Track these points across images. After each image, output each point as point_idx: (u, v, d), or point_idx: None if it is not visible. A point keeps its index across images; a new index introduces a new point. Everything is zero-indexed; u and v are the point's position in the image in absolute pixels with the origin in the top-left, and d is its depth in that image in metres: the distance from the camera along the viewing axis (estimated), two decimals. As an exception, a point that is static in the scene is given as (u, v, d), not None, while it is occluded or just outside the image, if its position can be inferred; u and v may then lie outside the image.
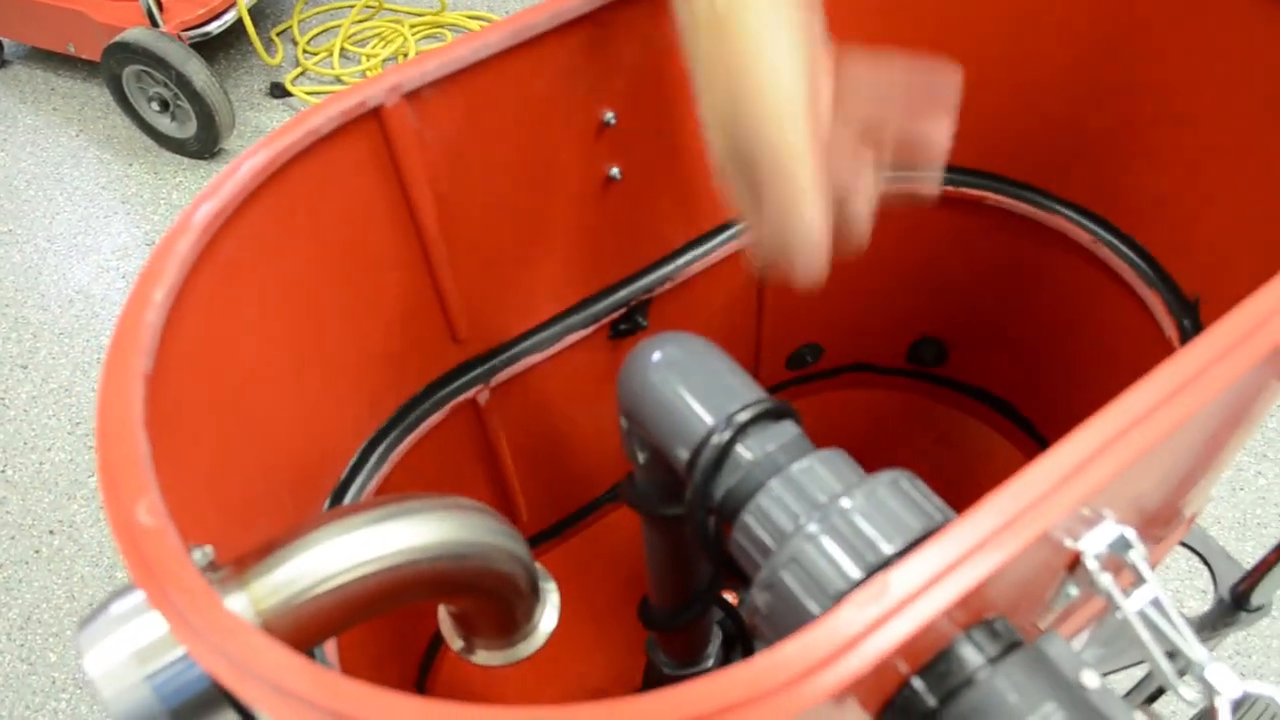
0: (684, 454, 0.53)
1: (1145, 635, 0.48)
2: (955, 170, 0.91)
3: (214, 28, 2.10)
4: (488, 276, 0.75)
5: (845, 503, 0.46)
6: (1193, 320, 0.79)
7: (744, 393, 0.53)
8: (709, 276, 0.90)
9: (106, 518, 0.43)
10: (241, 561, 0.50)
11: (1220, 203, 0.75)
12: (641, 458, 0.61)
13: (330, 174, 0.60)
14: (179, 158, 2.20)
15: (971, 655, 0.42)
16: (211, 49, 2.32)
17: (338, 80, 2.31)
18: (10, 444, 1.78)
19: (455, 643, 0.65)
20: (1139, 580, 0.49)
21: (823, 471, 0.48)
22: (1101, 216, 0.85)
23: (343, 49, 2.36)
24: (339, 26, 2.39)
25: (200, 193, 0.54)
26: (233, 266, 0.56)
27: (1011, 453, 1.11)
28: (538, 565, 0.66)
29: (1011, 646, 0.43)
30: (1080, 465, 0.42)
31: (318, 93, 2.29)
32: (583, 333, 0.85)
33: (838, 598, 0.43)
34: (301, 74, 2.33)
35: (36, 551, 1.66)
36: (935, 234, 0.96)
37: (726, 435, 0.51)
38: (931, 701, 0.41)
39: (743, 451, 0.50)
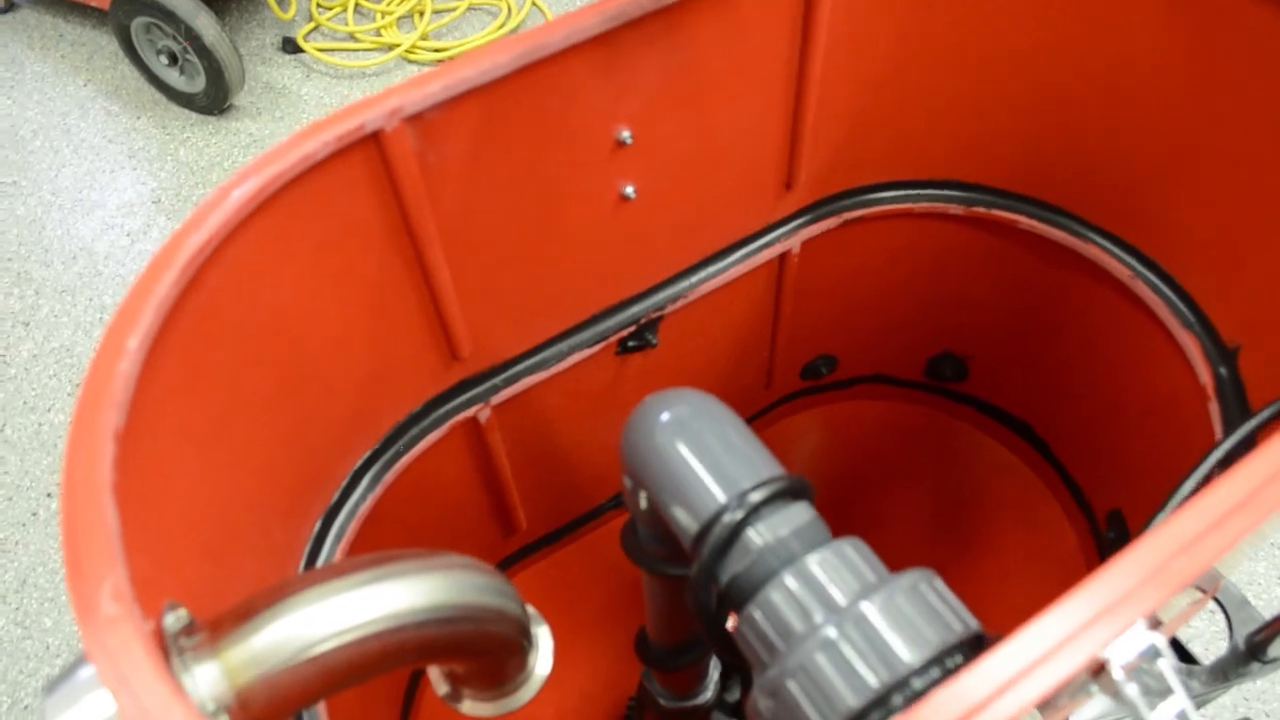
0: (691, 527, 0.50)
1: (1172, 752, 0.45)
2: (989, 191, 0.87)
3: (226, -20, 2.04)
4: (491, 296, 0.72)
5: (862, 608, 0.42)
6: (1230, 369, 0.76)
7: (758, 467, 0.49)
8: (723, 294, 0.86)
9: (69, 597, 0.40)
10: (218, 626, 0.48)
11: (1271, 249, 0.70)
12: (644, 509, 0.58)
13: (325, 200, 0.57)
14: (188, 112, 2.16)
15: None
16: (223, 1, 2.26)
17: (351, 37, 2.25)
18: (10, 403, 1.75)
19: (441, 689, 0.63)
20: (1165, 690, 0.46)
21: (839, 567, 0.45)
22: (1140, 250, 0.81)
23: (358, 4, 2.30)
24: (355, -18, 2.32)
25: (184, 223, 0.50)
26: (218, 299, 0.53)
27: (1025, 474, 1.08)
28: (530, 609, 0.63)
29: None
30: (1131, 591, 0.39)
31: (330, 49, 2.24)
32: (590, 350, 0.82)
33: (848, 717, 0.40)
34: (314, 29, 2.27)
35: (34, 514, 1.64)
36: (966, 254, 0.92)
37: (738, 515, 0.48)
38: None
39: (754, 536, 0.47)
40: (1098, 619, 0.38)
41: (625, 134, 0.68)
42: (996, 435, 1.09)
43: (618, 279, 0.79)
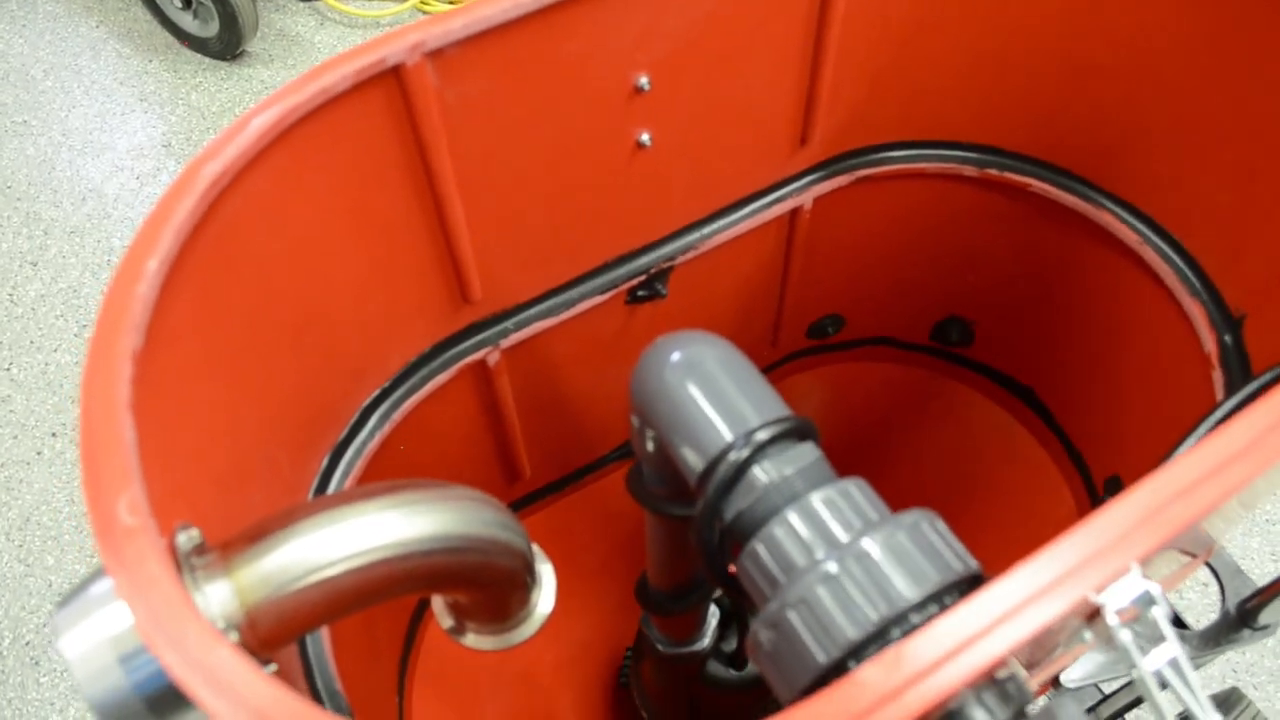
0: (697, 465, 0.50)
1: (1158, 695, 0.46)
2: (1001, 153, 0.87)
3: (242, -77, 2.02)
4: (504, 239, 0.72)
5: (864, 544, 0.43)
6: (1235, 337, 0.76)
7: (765, 407, 0.50)
8: (733, 247, 0.87)
9: (86, 508, 0.41)
10: (229, 546, 0.48)
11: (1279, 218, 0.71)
12: (650, 450, 0.59)
13: (343, 133, 0.57)
14: (200, 57, 2.15)
15: (976, 709, 0.40)
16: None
17: (367, -14, 2.24)
18: (17, 342, 1.76)
19: (445, 621, 0.64)
20: (1158, 638, 0.47)
21: (842, 505, 0.46)
22: (1150, 217, 0.81)
23: (373, -46, 2.28)
24: (371, -71, 2.30)
25: (202, 151, 0.51)
26: (235, 228, 0.53)
27: (1026, 439, 1.09)
28: (535, 548, 0.64)
29: (1020, 713, 0.41)
30: (1124, 534, 0.40)
31: (345, -2, 2.22)
32: (600, 298, 0.82)
33: (846, 648, 0.41)
34: (329, -24, 2.26)
35: (38, 453, 1.66)
36: (975, 217, 0.92)
37: (744, 454, 0.48)
38: (933, 763, 0.39)
39: (759, 473, 0.48)
40: (1092, 560, 0.39)
41: (644, 80, 0.68)
42: (999, 400, 1.09)
43: (630, 227, 0.80)
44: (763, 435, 0.49)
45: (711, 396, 0.51)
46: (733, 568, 0.50)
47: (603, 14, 0.62)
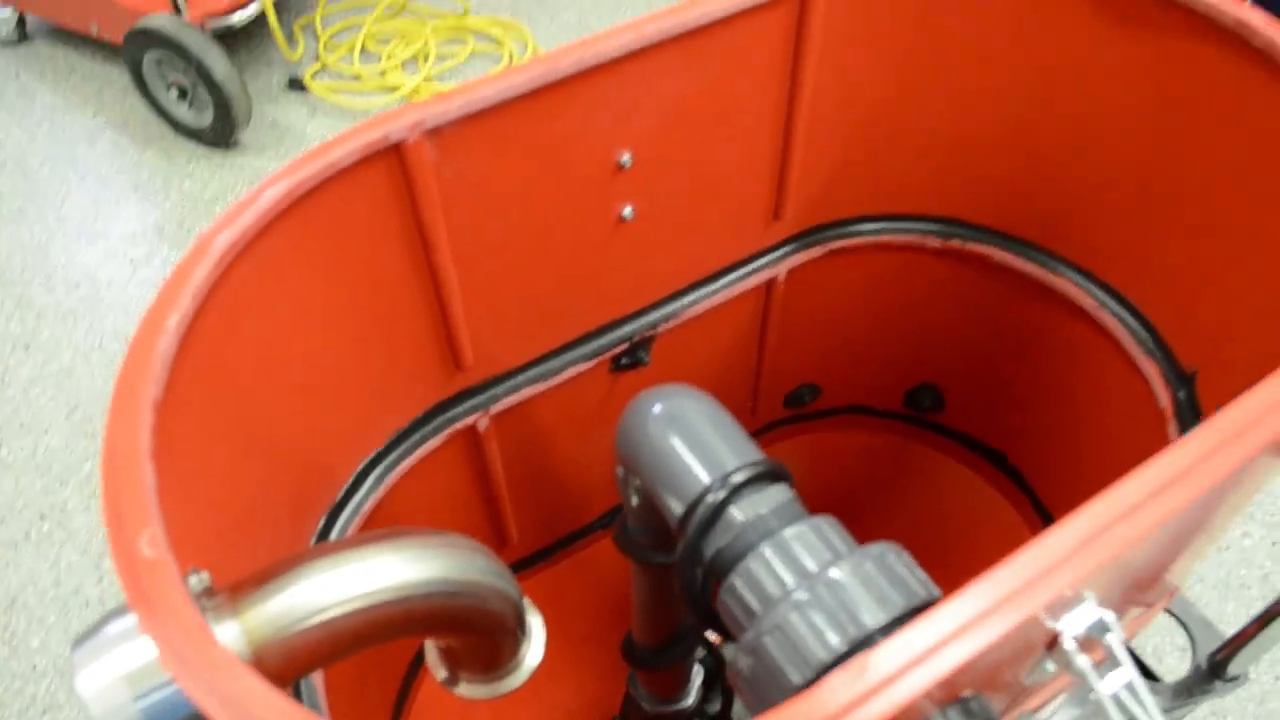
0: (678, 509, 0.54)
1: (1117, 717, 0.49)
2: (963, 225, 0.92)
3: (237, 19, 2.11)
4: (495, 307, 0.76)
5: (833, 574, 0.46)
6: (1188, 392, 0.80)
7: (741, 452, 0.53)
8: (712, 316, 0.91)
9: (109, 545, 0.44)
10: (237, 589, 0.51)
11: (1225, 280, 0.75)
12: (635, 503, 0.62)
13: (348, 205, 0.61)
14: (193, 146, 2.21)
15: (947, 732, 0.43)
16: (232, 39, 2.33)
17: (357, 78, 2.32)
18: (7, 424, 1.78)
19: (439, 673, 0.66)
20: (1114, 663, 0.50)
21: (813, 539, 0.49)
22: (1105, 282, 0.86)
23: (364, 47, 2.37)
24: (361, 24, 2.40)
25: (218, 219, 0.55)
26: (246, 292, 0.57)
27: (998, 501, 1.12)
28: (525, 600, 0.67)
29: (986, 729, 0.44)
30: (1069, 554, 0.43)
31: (336, 89, 2.30)
32: (585, 365, 0.86)
33: (819, 669, 0.44)
34: (321, 69, 2.34)
35: (26, 535, 1.66)
36: (940, 287, 0.97)
37: (721, 495, 0.52)
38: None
39: (736, 513, 0.51)
40: (1037, 580, 0.42)
41: (626, 157, 0.73)
42: (971, 464, 1.13)
43: (614, 297, 0.84)
44: (738, 478, 0.52)
45: (690, 443, 0.55)
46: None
47: (587, 95, 0.67)
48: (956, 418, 1.12)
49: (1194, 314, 0.79)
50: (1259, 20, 0.64)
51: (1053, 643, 0.51)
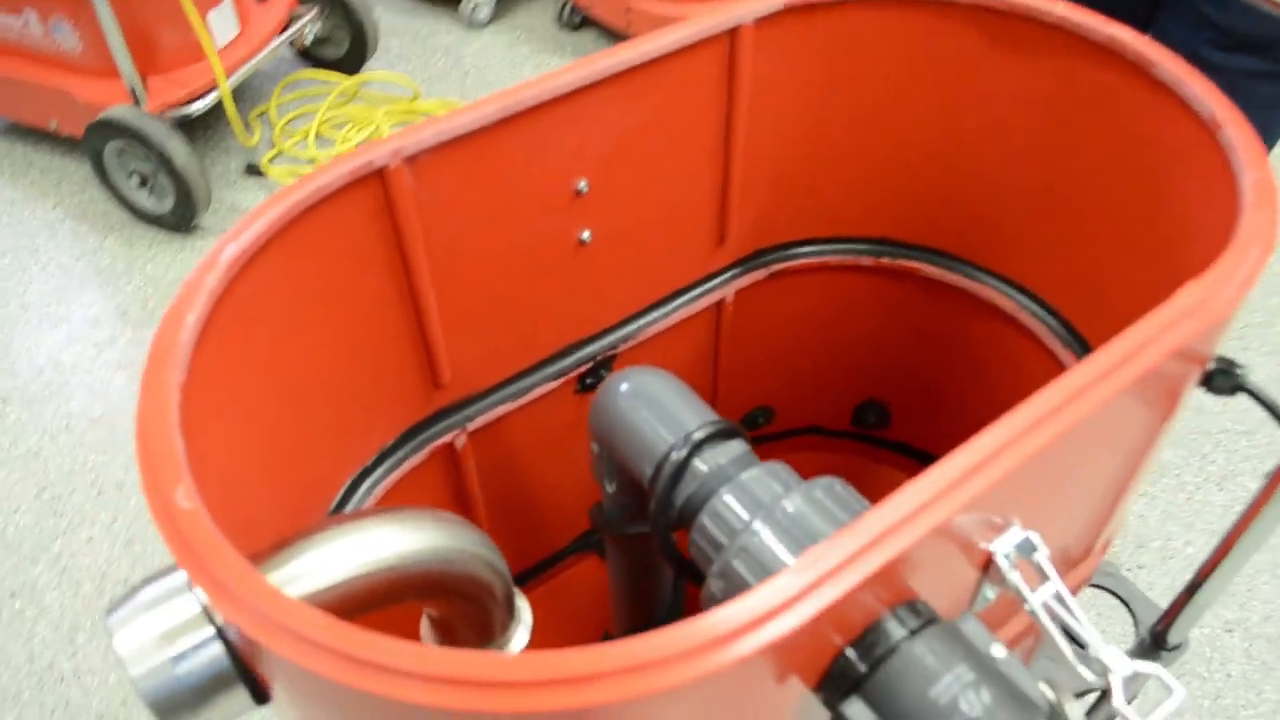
0: (648, 469, 0.60)
1: (1049, 625, 0.55)
2: (892, 243, 1.01)
3: (196, 108, 2.18)
4: (470, 327, 0.83)
5: (786, 503, 0.53)
6: (1102, 377, 0.89)
7: (700, 414, 0.60)
8: (668, 337, 0.98)
9: (148, 505, 0.49)
10: (256, 557, 0.56)
11: (1122, 268, 0.84)
12: (610, 487, 0.68)
13: (336, 227, 0.68)
14: (153, 231, 2.26)
15: (895, 628, 0.49)
16: (190, 128, 2.40)
17: (312, 161, 2.40)
18: (-25, 506, 1.79)
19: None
20: (1043, 579, 0.57)
21: (768, 479, 0.56)
22: (1022, 285, 0.95)
23: (318, 132, 2.46)
24: (315, 111, 2.49)
25: (225, 235, 0.61)
26: (249, 302, 0.63)
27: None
28: (514, 587, 0.72)
29: (930, 621, 0.50)
30: (975, 468, 0.50)
31: (294, 173, 2.38)
32: (553, 384, 0.93)
33: (782, 579, 0.50)
34: (277, 155, 2.42)
35: (-3, 612, 1.67)
36: (876, 302, 1.05)
37: (685, 451, 0.58)
38: (862, 668, 0.48)
39: (699, 464, 0.58)
40: (946, 491, 0.49)
41: (583, 184, 0.81)
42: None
43: (577, 318, 0.91)
44: (699, 435, 0.59)
45: (655, 412, 0.61)
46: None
47: (546, 125, 0.75)
48: (903, 431, 1.20)
49: (1100, 304, 0.88)
50: (1127, 35, 0.74)
51: (987, 565, 0.58)
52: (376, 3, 2.65)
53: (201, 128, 2.47)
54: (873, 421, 1.20)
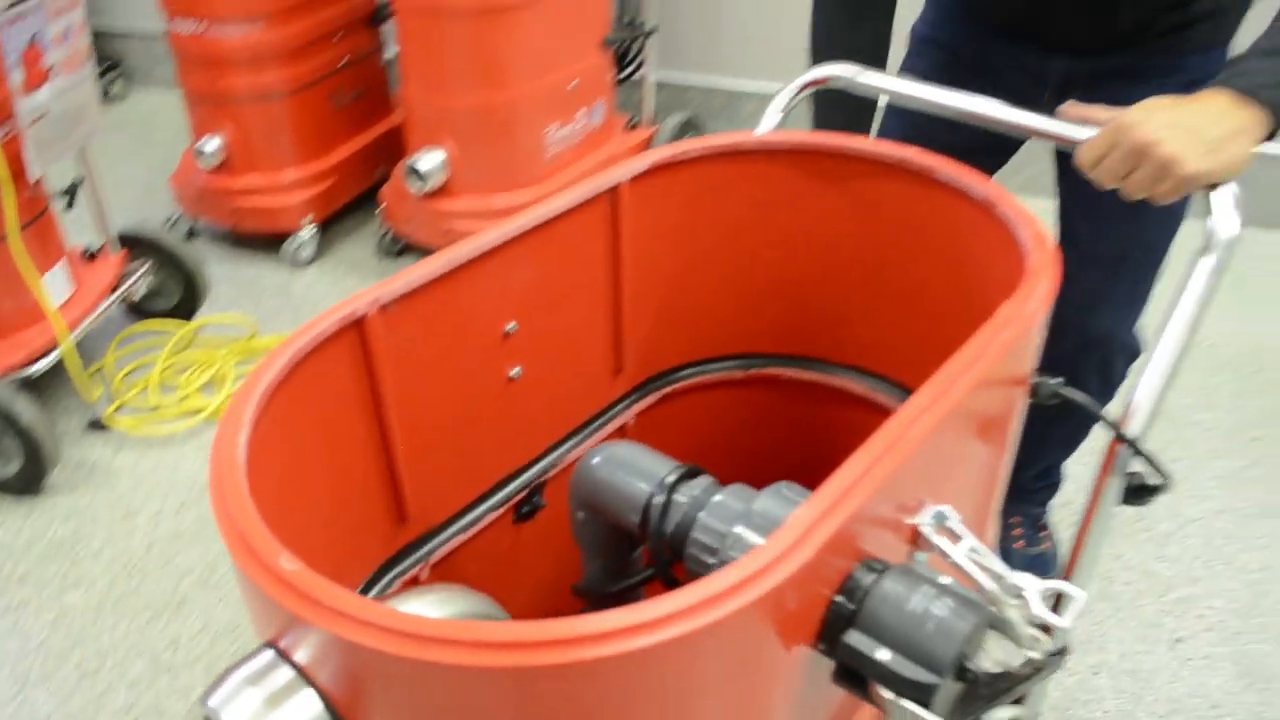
0: (635, 517, 0.73)
1: (973, 568, 0.71)
2: (757, 355, 1.19)
3: (38, 368, 2.19)
4: (428, 462, 0.94)
5: (755, 506, 0.67)
6: (949, 429, 1.08)
7: (665, 465, 0.74)
8: (587, 459, 1.12)
9: (251, 578, 0.58)
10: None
11: (946, 337, 1.05)
12: (591, 555, 0.80)
13: (326, 372, 0.80)
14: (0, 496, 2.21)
15: (865, 575, 0.63)
16: (30, 385, 2.39)
17: (156, 409, 2.42)
18: None
19: None
20: (960, 538, 0.73)
21: (734, 496, 0.70)
22: (871, 370, 1.15)
23: (161, 381, 2.49)
24: (154, 361, 2.53)
25: (259, 365, 0.72)
26: (275, 424, 0.73)
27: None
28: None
29: (889, 567, 0.64)
30: (863, 474, 0.66)
31: (139, 423, 2.39)
32: (496, 514, 1.04)
33: (770, 556, 0.64)
34: (120, 407, 2.43)
35: None
36: (752, 410, 1.22)
37: (664, 495, 0.72)
38: (850, 607, 0.62)
39: (679, 498, 0.72)
40: (857, 483, 0.64)
41: (511, 325, 0.96)
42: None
43: (512, 448, 1.03)
44: (671, 479, 0.73)
45: (630, 471, 0.75)
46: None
47: (480, 275, 0.90)
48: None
49: (934, 368, 1.08)
50: (912, 153, 0.97)
51: (915, 537, 0.73)
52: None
53: (41, 384, 2.46)
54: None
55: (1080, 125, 0.93)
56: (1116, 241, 1.30)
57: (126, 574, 1.96)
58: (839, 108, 1.18)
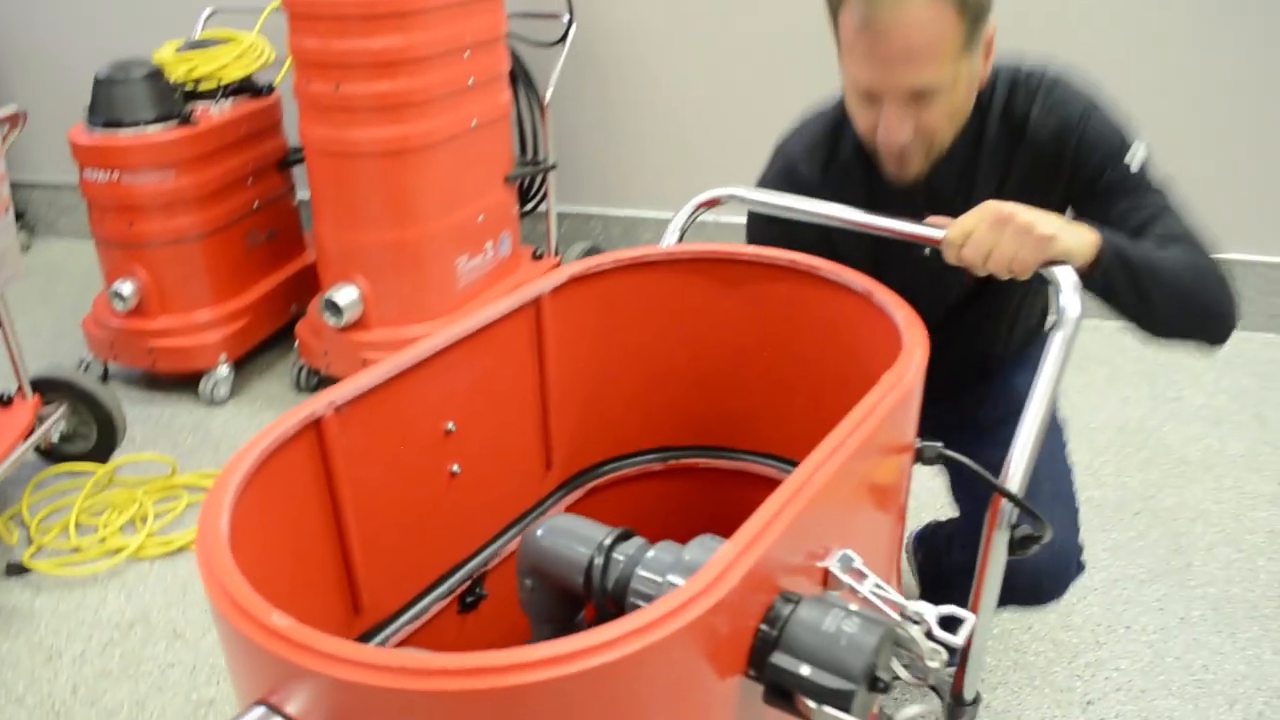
0: (579, 579, 0.82)
1: (878, 601, 0.81)
2: (672, 449, 1.30)
3: (-47, 518, 2.17)
4: (380, 554, 1.01)
5: (685, 556, 0.77)
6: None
7: (601, 530, 0.84)
8: (524, 550, 1.20)
9: (247, 635, 0.65)
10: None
11: (840, 415, 1.18)
12: (539, 620, 0.88)
13: (290, 468, 0.88)
14: (-97, 658, 2.15)
15: (784, 605, 0.73)
16: (-65, 546, 2.35)
17: (77, 550, 2.40)
18: None
19: None
20: (865, 577, 0.83)
21: (664, 551, 0.80)
22: (777, 454, 1.27)
23: (78, 522, 2.47)
24: (71, 504, 2.51)
25: (224, 469, 0.80)
26: (240, 524, 0.80)
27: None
28: None
29: (804, 598, 0.75)
30: (773, 517, 0.77)
31: (60, 564, 2.37)
32: (443, 603, 1.11)
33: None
34: (38, 550, 2.40)
35: None
36: (674, 499, 1.33)
37: (603, 555, 0.81)
38: (774, 633, 0.72)
39: (617, 557, 0.81)
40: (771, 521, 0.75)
41: (451, 425, 1.05)
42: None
43: (456, 541, 1.11)
44: (608, 541, 0.82)
45: (570, 538, 0.85)
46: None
47: (422, 378, 1.00)
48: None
49: (834, 446, 1.20)
50: (799, 256, 1.11)
51: (826, 579, 0.83)
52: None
53: (-50, 540, 2.42)
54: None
55: (940, 229, 1.09)
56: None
57: (53, 717, 1.93)
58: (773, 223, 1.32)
